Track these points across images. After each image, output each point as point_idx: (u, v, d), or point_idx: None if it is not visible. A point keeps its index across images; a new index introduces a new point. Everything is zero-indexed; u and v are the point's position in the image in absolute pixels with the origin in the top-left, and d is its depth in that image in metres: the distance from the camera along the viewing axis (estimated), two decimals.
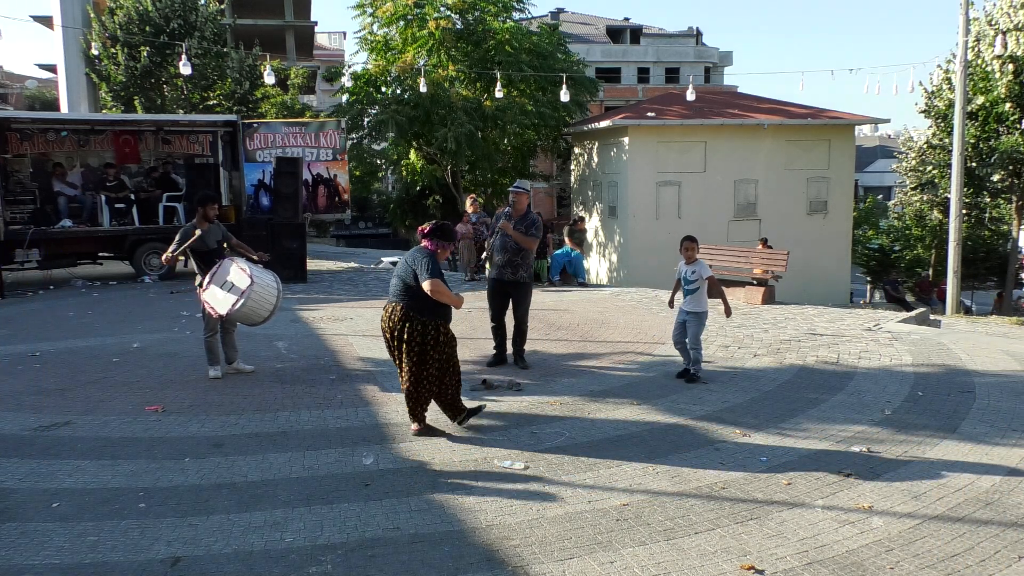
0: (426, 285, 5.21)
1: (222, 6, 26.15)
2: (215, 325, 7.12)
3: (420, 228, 5.55)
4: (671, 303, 7.52)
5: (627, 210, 21.58)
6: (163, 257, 7.13)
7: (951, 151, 17.67)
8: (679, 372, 7.13)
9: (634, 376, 7.23)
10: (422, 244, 5.51)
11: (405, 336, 5.33)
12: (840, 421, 5.81)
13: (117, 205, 14.42)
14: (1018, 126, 21.59)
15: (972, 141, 21.87)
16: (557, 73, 20.48)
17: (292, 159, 14.51)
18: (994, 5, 21.64)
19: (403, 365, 5.41)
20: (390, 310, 5.44)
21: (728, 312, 7.23)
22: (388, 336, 5.47)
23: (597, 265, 23.52)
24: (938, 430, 5.60)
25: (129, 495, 4.47)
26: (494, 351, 7.72)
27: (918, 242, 31.51)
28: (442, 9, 21.63)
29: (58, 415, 6.02)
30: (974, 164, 22.17)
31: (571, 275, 14.44)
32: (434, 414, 6.05)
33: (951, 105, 20.96)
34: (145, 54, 21.59)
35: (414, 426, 5.53)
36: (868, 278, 34.30)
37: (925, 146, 26.08)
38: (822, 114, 23.04)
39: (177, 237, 7.11)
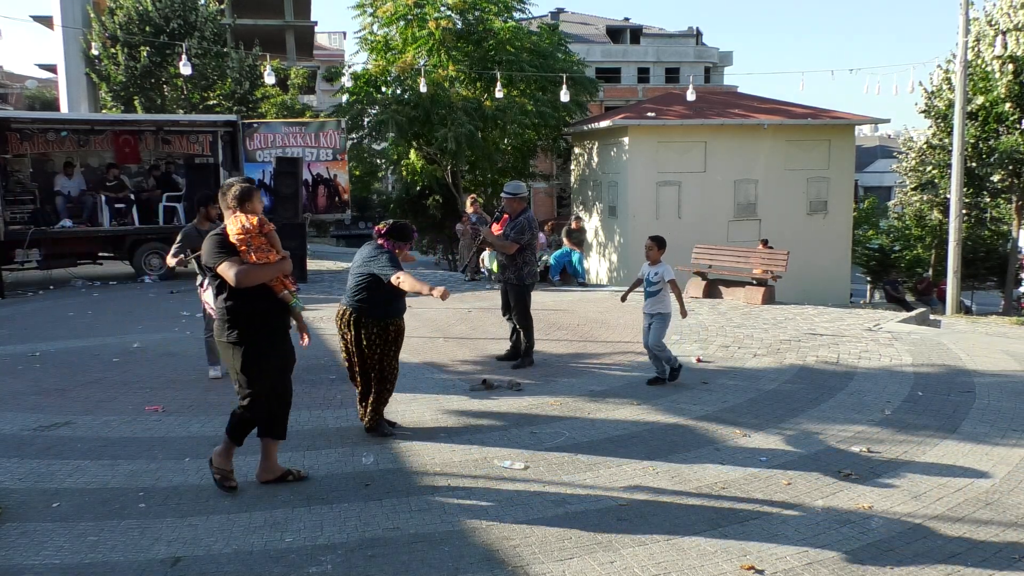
0: (394, 279, 4.99)
1: (222, 6, 26.15)
2: None
3: (376, 227, 5.42)
4: (623, 298, 7.53)
5: (627, 210, 21.56)
6: (169, 261, 7.06)
7: (951, 151, 17.67)
8: (649, 380, 6.93)
9: (634, 376, 7.22)
10: (378, 243, 5.33)
11: (364, 341, 5.24)
12: (840, 421, 5.81)
13: (117, 205, 14.42)
14: (1018, 126, 21.58)
15: (972, 141, 21.86)
16: (557, 73, 20.47)
17: (292, 159, 14.51)
18: (994, 5, 21.64)
19: (359, 368, 5.31)
20: (343, 313, 5.31)
21: (684, 313, 7.12)
22: (344, 340, 5.36)
23: (597, 265, 23.51)
24: (938, 430, 5.60)
25: (129, 495, 4.47)
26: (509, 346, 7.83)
27: (918, 242, 31.49)
28: (442, 9, 21.61)
29: (58, 415, 6.02)
30: (974, 164, 22.15)
31: (571, 275, 14.45)
32: (436, 414, 6.05)
33: (951, 105, 20.96)
34: (145, 54, 21.59)
35: (370, 426, 5.47)
36: (868, 278, 34.28)
37: (925, 146, 26.05)
38: (822, 114, 23.02)
39: (178, 238, 7.10)
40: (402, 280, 4.99)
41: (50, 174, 14.81)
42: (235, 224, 4.28)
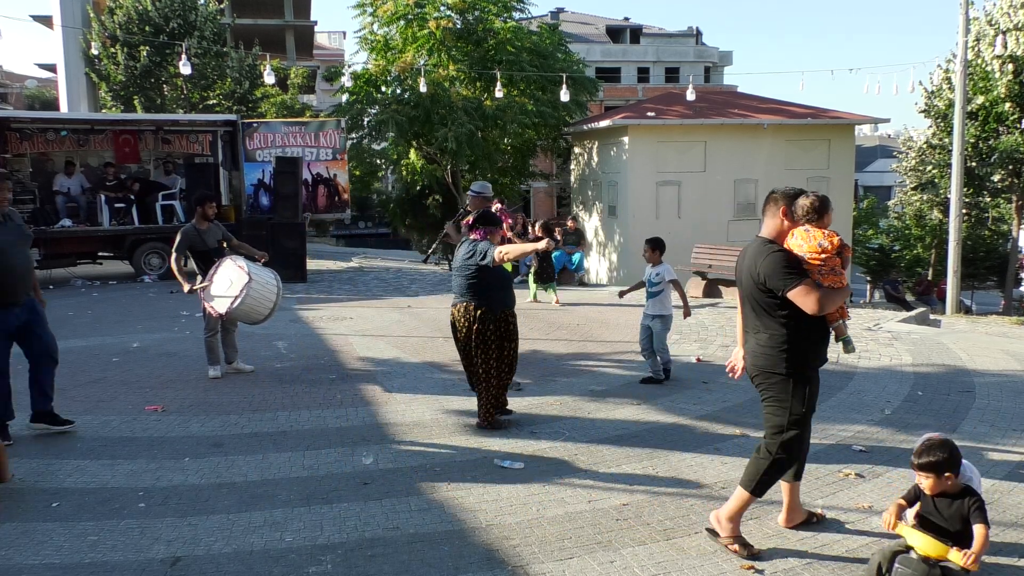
0: (496, 255, 5.20)
1: (222, 6, 26.15)
2: (215, 324, 7.12)
3: (464, 221, 5.60)
4: (621, 294, 7.58)
5: (627, 210, 21.56)
6: (182, 285, 7.06)
7: (951, 151, 17.66)
8: (643, 379, 6.96)
9: (634, 376, 7.22)
10: (471, 236, 5.54)
11: (475, 333, 5.42)
12: (840, 421, 5.81)
13: (117, 205, 14.42)
14: (1018, 126, 21.56)
15: (972, 141, 21.84)
16: (557, 73, 20.47)
17: (292, 159, 14.51)
18: (994, 5, 21.62)
19: (483, 361, 5.47)
20: (461, 309, 5.51)
21: (687, 313, 7.24)
22: (462, 336, 5.55)
23: (597, 265, 23.51)
24: (938, 430, 5.57)
25: (129, 495, 4.47)
26: None
27: (918, 242, 31.47)
28: (442, 9, 21.61)
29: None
30: (974, 164, 22.14)
31: (572, 271, 14.51)
32: (436, 414, 6.04)
33: (951, 105, 20.94)
34: (145, 54, 21.60)
35: (484, 422, 5.61)
36: (868, 278, 34.27)
37: (925, 146, 26.03)
38: (822, 114, 23.02)
39: (178, 238, 7.11)
40: (506, 252, 5.20)
41: (50, 174, 14.81)
42: (809, 240, 3.65)
